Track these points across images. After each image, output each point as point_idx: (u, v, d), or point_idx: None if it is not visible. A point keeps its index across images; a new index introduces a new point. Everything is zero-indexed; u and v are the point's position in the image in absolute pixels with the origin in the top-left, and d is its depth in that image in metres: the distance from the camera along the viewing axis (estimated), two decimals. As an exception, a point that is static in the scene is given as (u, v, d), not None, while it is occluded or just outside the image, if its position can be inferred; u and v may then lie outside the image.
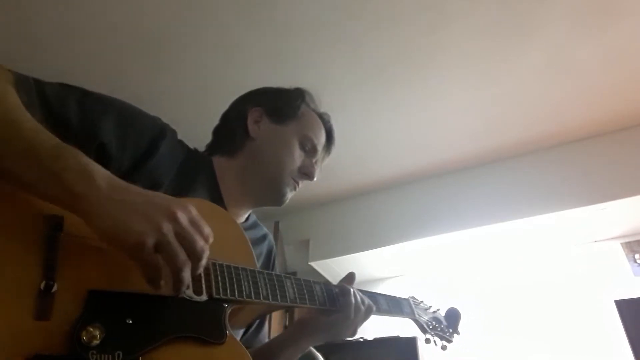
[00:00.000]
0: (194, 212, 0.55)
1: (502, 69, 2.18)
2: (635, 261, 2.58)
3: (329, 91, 2.25)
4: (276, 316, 3.06)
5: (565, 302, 2.62)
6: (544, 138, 2.64)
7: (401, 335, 2.48)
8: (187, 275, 0.53)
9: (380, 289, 3.08)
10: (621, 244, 2.67)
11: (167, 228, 0.51)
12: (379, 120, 2.50)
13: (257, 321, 0.94)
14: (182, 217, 0.53)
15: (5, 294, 0.46)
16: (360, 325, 0.88)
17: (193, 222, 0.54)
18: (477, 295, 2.87)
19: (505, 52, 2.08)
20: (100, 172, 0.52)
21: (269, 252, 0.99)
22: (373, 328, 2.45)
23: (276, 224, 3.14)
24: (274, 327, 2.99)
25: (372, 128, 2.56)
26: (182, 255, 0.52)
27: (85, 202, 0.49)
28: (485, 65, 2.15)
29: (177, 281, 0.52)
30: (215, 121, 0.98)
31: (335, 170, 2.87)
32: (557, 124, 2.54)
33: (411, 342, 2.41)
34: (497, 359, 2.64)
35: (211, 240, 0.56)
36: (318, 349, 1.30)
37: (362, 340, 2.69)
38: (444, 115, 2.48)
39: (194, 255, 0.53)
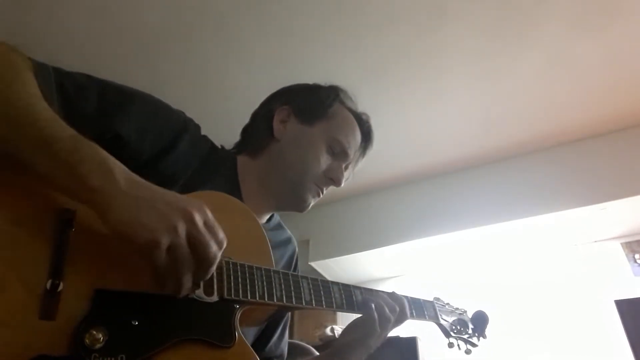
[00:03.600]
0: (210, 215, 0.54)
1: (502, 69, 2.18)
2: (635, 261, 2.58)
3: (329, 91, 2.25)
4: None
5: (565, 302, 2.61)
6: (544, 138, 2.64)
7: (401, 336, 2.48)
8: (189, 279, 0.52)
9: (380, 289, 3.08)
10: (621, 244, 2.67)
11: (182, 228, 0.50)
12: (378, 120, 2.48)
13: (281, 327, 0.90)
14: (199, 219, 0.52)
15: (12, 291, 0.46)
16: (390, 330, 0.83)
17: (208, 226, 0.53)
18: (477, 295, 2.87)
19: (506, 52, 2.07)
20: (118, 167, 0.51)
21: (291, 256, 0.94)
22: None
23: (276, 224, 3.13)
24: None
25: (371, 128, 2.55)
26: (190, 258, 0.51)
27: (101, 196, 0.48)
28: (486, 65, 2.15)
29: (178, 285, 0.51)
30: (216, 119, 0.98)
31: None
32: (557, 124, 2.54)
33: (411, 342, 2.41)
34: (497, 359, 2.64)
35: (224, 245, 0.54)
36: (318, 349, 1.30)
37: (362, 340, 2.68)
38: (444, 115, 2.47)
39: (205, 261, 0.52)
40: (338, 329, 2.77)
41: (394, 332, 0.94)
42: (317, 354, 1.20)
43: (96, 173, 0.48)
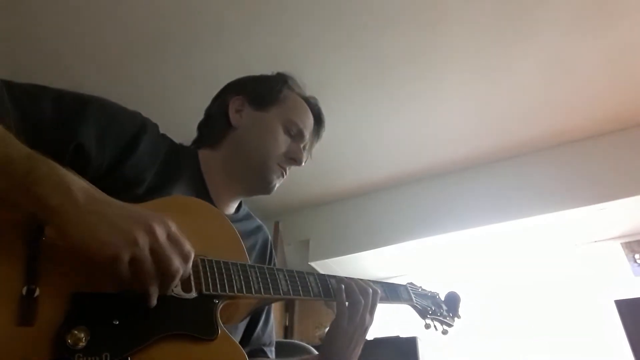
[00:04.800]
0: (174, 227, 0.54)
1: (502, 69, 2.17)
2: (635, 261, 2.58)
3: (329, 91, 2.25)
4: (276, 316, 3.06)
5: (565, 302, 2.62)
6: (544, 138, 2.64)
7: (401, 335, 2.48)
8: (156, 290, 0.52)
9: (380, 289, 3.08)
10: (621, 244, 2.67)
11: (144, 241, 0.50)
12: (378, 120, 2.50)
13: (264, 315, 0.92)
14: (160, 232, 0.51)
15: None
16: (372, 312, 0.85)
17: (172, 239, 0.53)
18: (477, 295, 2.87)
19: (505, 52, 2.07)
20: (77, 183, 0.50)
21: (264, 243, 0.96)
22: (373, 328, 2.45)
23: (276, 224, 3.14)
24: (274, 327, 2.98)
25: (372, 128, 2.55)
26: (152, 272, 0.51)
27: (61, 215, 0.47)
28: (485, 65, 2.15)
29: (146, 294, 0.52)
30: None
31: (335, 170, 2.87)
32: (557, 124, 2.54)
33: (411, 342, 2.41)
34: (497, 358, 2.64)
35: (192, 258, 0.55)
36: (317, 349, 1.30)
37: (362, 340, 2.68)
38: (444, 115, 2.47)
39: (167, 275, 0.52)
40: (338, 329, 2.77)
41: (393, 332, 0.94)
42: (317, 353, 1.20)
43: (54, 192, 0.48)
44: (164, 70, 2.15)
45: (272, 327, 0.95)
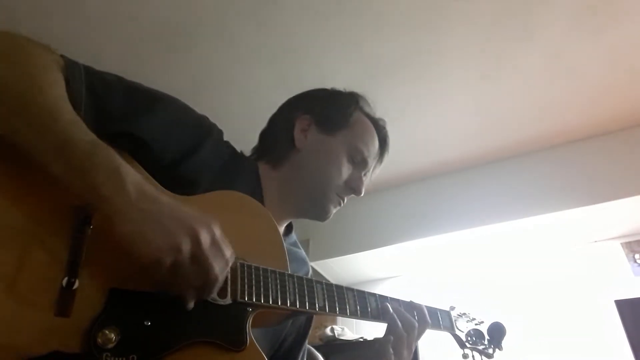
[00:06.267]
0: (218, 232, 0.54)
1: (502, 69, 2.17)
2: (635, 261, 2.58)
3: (329, 91, 2.25)
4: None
5: (565, 302, 2.61)
6: (544, 138, 2.64)
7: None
8: (192, 295, 0.52)
9: (379, 289, 3.09)
10: (621, 244, 2.67)
11: (187, 248, 0.50)
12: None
13: (301, 355, 0.87)
14: (205, 238, 0.51)
15: (29, 288, 0.46)
16: (411, 347, 0.81)
17: (215, 244, 0.53)
18: (476, 295, 2.87)
19: (506, 52, 2.07)
20: (131, 176, 0.51)
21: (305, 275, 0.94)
22: (373, 328, 2.44)
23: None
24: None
25: (372, 128, 2.55)
26: (192, 277, 0.51)
27: (109, 205, 0.48)
28: (485, 65, 2.15)
29: (182, 298, 0.52)
30: (222, 117, 0.96)
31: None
32: (557, 124, 2.54)
33: (411, 342, 2.40)
34: (497, 358, 2.64)
35: (231, 263, 0.55)
36: (318, 349, 1.30)
37: (362, 340, 2.69)
38: (444, 115, 2.47)
39: (206, 284, 0.52)
40: (338, 329, 2.77)
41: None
42: (320, 358, 1.18)
43: (108, 182, 0.48)
44: (165, 71, 2.15)
45: (306, 350, 0.90)
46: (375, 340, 0.82)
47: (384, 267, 3.17)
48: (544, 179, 2.62)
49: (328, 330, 2.79)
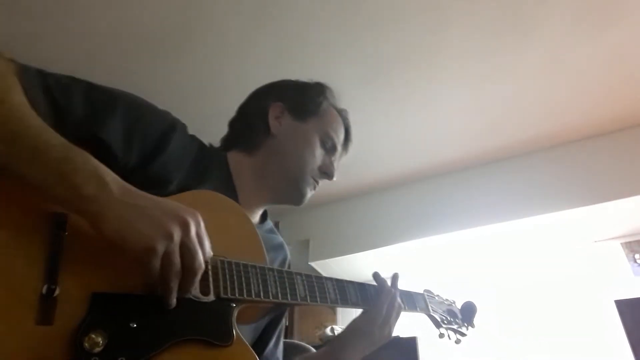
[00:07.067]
0: (202, 225, 0.55)
1: (502, 69, 2.18)
2: (635, 261, 2.58)
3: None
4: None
5: (565, 302, 2.62)
6: (544, 138, 2.64)
7: (401, 336, 2.48)
8: (176, 287, 0.52)
9: (380, 289, 3.07)
10: (621, 244, 2.67)
11: (178, 236, 0.50)
12: (379, 120, 2.50)
13: (276, 334, 0.91)
14: (193, 227, 0.52)
15: (7, 297, 0.45)
16: (394, 324, 0.89)
17: (199, 235, 0.53)
18: (476, 295, 2.87)
19: (506, 52, 2.07)
20: (111, 175, 0.51)
21: (283, 261, 0.94)
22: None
23: (276, 224, 3.14)
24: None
25: (372, 128, 2.55)
26: (178, 267, 0.51)
27: (95, 205, 0.48)
28: (486, 65, 2.15)
29: (168, 291, 0.52)
30: (217, 118, 0.97)
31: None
32: (557, 124, 2.54)
33: (411, 342, 2.41)
34: (497, 358, 2.64)
35: (210, 256, 0.55)
36: (318, 349, 1.30)
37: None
38: (444, 115, 2.48)
39: (191, 271, 0.52)
40: (338, 329, 2.77)
41: (393, 332, 0.94)
42: (312, 349, 1.20)
43: (90, 182, 0.48)
44: (164, 72, 2.15)
45: (282, 349, 0.94)
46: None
47: (384, 267, 3.17)
48: (544, 179, 2.62)
49: (328, 330, 2.79)
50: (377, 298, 0.88)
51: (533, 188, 2.62)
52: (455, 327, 1.06)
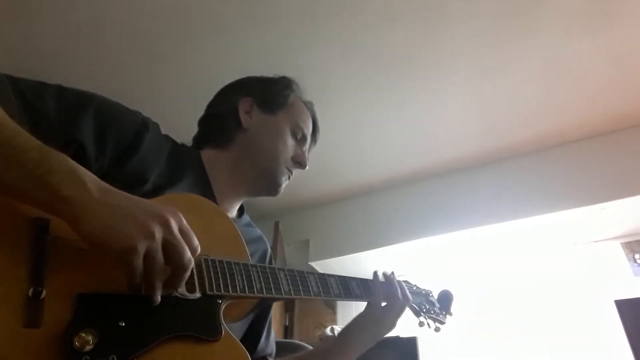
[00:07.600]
0: (185, 221, 0.55)
1: (502, 69, 2.18)
2: (635, 261, 2.58)
3: (329, 91, 2.25)
4: (276, 316, 3.06)
5: (565, 302, 2.62)
6: (544, 138, 2.64)
7: (401, 336, 2.48)
8: (160, 285, 0.52)
9: (380, 289, 3.07)
10: (621, 244, 2.67)
11: (159, 234, 0.50)
12: (378, 120, 2.50)
13: (267, 326, 0.94)
14: (174, 225, 0.52)
15: None
16: (399, 316, 0.94)
17: (183, 232, 0.53)
18: (476, 295, 2.87)
19: (505, 52, 2.07)
20: (89, 176, 0.51)
21: (264, 253, 0.96)
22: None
23: (276, 224, 3.14)
24: (273, 327, 2.98)
25: (372, 128, 2.55)
26: (162, 266, 0.51)
27: (73, 206, 0.47)
28: (485, 65, 2.15)
29: (152, 290, 0.52)
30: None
31: (335, 170, 2.87)
32: (557, 124, 2.54)
33: (411, 342, 2.41)
34: (497, 358, 2.64)
35: (198, 252, 0.55)
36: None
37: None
38: (444, 115, 2.47)
39: (180, 268, 0.52)
40: (338, 329, 2.77)
41: (393, 332, 0.95)
42: (309, 347, 1.21)
43: (67, 183, 0.48)
44: (158, 69, 2.15)
45: (274, 337, 0.97)
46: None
47: (384, 267, 3.16)
48: (544, 179, 2.62)
49: (328, 330, 2.79)
50: (371, 288, 0.92)
51: (533, 188, 2.62)
52: (434, 315, 1.09)
